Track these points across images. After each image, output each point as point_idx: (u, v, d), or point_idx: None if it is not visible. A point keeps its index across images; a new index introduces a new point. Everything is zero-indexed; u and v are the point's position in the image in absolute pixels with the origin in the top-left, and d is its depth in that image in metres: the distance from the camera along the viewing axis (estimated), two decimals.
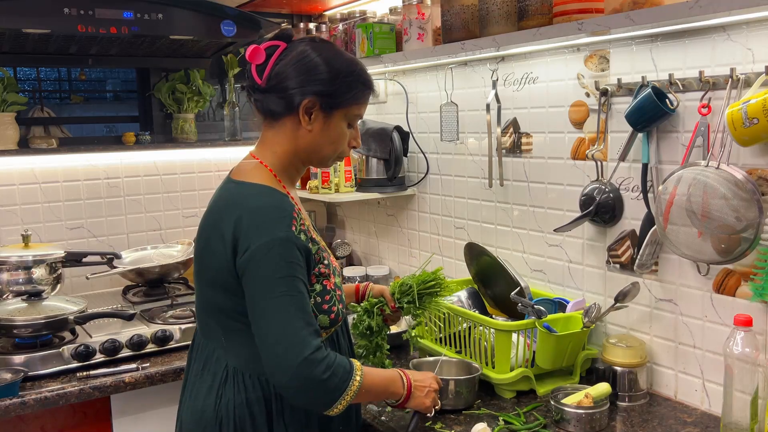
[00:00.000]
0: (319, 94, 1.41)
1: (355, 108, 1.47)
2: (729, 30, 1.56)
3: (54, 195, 2.64)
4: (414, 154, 2.65)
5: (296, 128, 1.44)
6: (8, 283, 2.28)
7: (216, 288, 1.41)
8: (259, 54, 1.42)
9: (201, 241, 1.46)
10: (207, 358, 1.47)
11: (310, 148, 1.47)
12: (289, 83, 1.41)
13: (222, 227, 1.37)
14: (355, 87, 1.45)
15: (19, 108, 2.54)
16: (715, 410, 1.68)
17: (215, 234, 1.39)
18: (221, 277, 1.38)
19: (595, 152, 1.89)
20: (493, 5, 1.89)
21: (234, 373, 1.42)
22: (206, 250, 1.42)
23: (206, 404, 1.43)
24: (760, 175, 1.53)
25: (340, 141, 1.49)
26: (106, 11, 2.24)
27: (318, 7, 2.99)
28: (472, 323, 1.91)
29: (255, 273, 1.32)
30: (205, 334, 1.49)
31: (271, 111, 1.45)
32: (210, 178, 2.94)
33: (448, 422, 1.68)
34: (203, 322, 1.50)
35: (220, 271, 1.38)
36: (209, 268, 1.41)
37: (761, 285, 1.51)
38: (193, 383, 1.49)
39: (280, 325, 1.29)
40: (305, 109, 1.42)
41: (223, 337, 1.44)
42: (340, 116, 1.45)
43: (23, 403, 1.82)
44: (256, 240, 1.32)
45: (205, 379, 1.45)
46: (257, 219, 1.34)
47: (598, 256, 1.95)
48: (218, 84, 3.03)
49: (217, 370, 1.44)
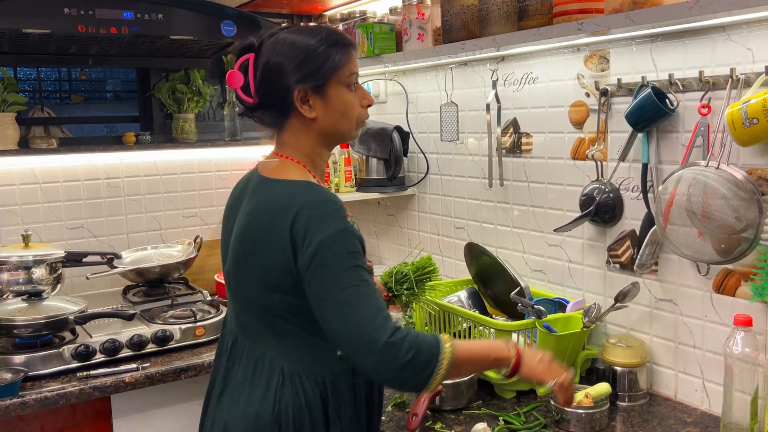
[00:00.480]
0: (303, 79, 1.39)
1: (344, 70, 1.43)
2: (729, 30, 1.56)
3: (54, 195, 2.64)
4: (414, 154, 2.65)
5: (304, 121, 1.43)
6: (8, 283, 2.28)
7: (271, 291, 1.37)
8: (237, 77, 1.41)
9: (248, 245, 1.40)
10: (257, 362, 1.42)
11: (326, 131, 1.45)
12: (273, 87, 1.40)
13: (277, 230, 1.33)
14: (330, 53, 1.41)
15: (19, 108, 2.53)
16: (715, 410, 1.68)
17: (269, 238, 1.35)
18: (278, 280, 1.35)
19: (595, 152, 1.89)
20: (493, 5, 1.90)
21: (290, 375, 1.38)
22: (257, 254, 1.38)
23: (263, 408, 1.38)
24: (760, 175, 1.53)
25: (349, 108, 1.45)
26: (106, 11, 2.23)
27: (318, 7, 2.99)
28: (472, 323, 1.91)
29: (322, 267, 1.29)
30: (251, 338, 1.44)
31: (274, 120, 1.45)
32: (210, 178, 2.94)
33: (448, 422, 1.68)
34: (248, 325, 1.45)
35: (277, 273, 1.34)
36: (261, 269, 1.37)
37: (761, 285, 1.51)
38: (241, 389, 1.43)
39: (355, 316, 1.27)
40: (300, 101, 1.40)
41: (274, 340, 1.40)
42: (334, 87, 1.42)
43: (23, 403, 1.82)
44: (319, 234, 1.29)
45: (258, 383, 1.40)
46: (315, 214, 1.31)
47: (598, 256, 1.95)
48: (218, 84, 3.03)
49: (271, 373, 1.39)
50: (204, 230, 2.92)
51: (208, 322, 2.25)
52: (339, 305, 1.28)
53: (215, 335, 2.26)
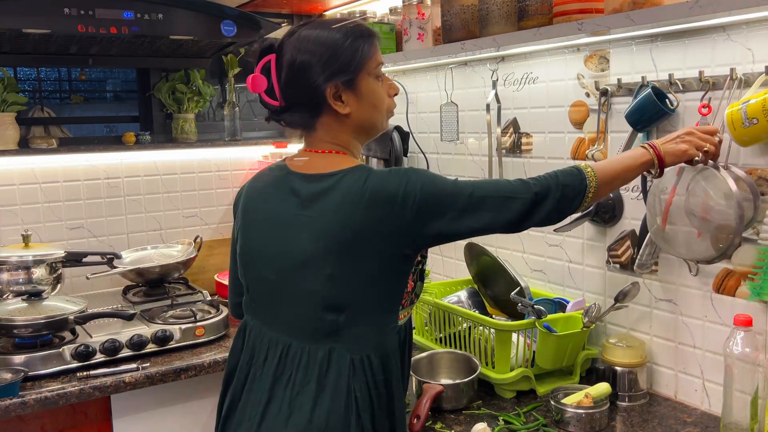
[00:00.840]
0: (334, 75, 1.36)
1: (372, 61, 1.41)
2: (729, 30, 1.56)
3: (54, 195, 2.64)
4: (414, 154, 2.65)
5: (337, 117, 1.40)
6: (8, 283, 2.28)
7: (353, 281, 1.31)
8: (260, 80, 1.39)
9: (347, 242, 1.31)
10: (321, 361, 1.33)
11: (360, 124, 1.42)
12: (301, 88, 1.37)
13: (367, 217, 1.29)
14: (357, 46, 1.40)
15: (19, 108, 2.53)
16: (715, 410, 1.68)
17: (378, 224, 1.30)
18: (397, 254, 1.33)
19: (595, 152, 1.89)
20: (493, 5, 1.90)
21: (360, 362, 1.33)
22: (366, 246, 1.31)
23: (335, 403, 1.30)
24: (759, 175, 1.53)
25: (380, 99, 1.44)
26: (106, 11, 2.23)
27: (318, 7, 2.99)
28: (472, 323, 1.91)
29: (434, 191, 1.32)
30: (314, 340, 1.35)
31: (305, 120, 1.41)
32: (210, 178, 2.94)
33: (448, 422, 1.68)
34: (308, 327, 1.36)
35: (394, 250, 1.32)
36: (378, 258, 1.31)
37: (759, 285, 1.51)
38: (300, 392, 1.33)
39: (496, 193, 1.35)
40: (333, 97, 1.37)
41: (345, 331, 1.33)
42: (365, 79, 1.40)
43: (23, 403, 1.83)
44: (409, 184, 1.31)
45: (327, 380, 1.32)
46: (392, 181, 1.32)
47: (598, 256, 1.95)
48: (218, 84, 3.03)
49: (341, 365, 1.33)
50: (204, 230, 2.92)
51: (208, 322, 2.25)
52: (474, 194, 1.33)
53: (215, 335, 2.26)
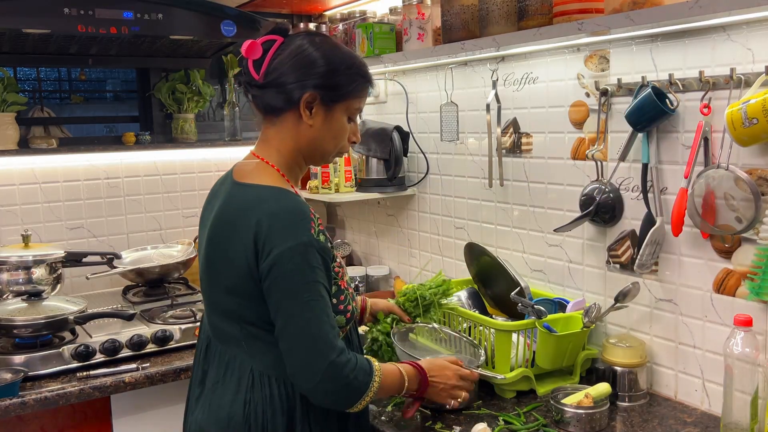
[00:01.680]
0: (319, 87, 1.40)
1: (356, 101, 1.46)
2: (729, 30, 1.56)
3: (54, 195, 2.64)
4: (414, 154, 2.65)
5: (297, 124, 1.43)
6: (8, 283, 2.28)
7: (236, 295, 1.38)
8: (256, 49, 1.40)
9: (214, 248, 1.42)
10: (228, 364, 1.43)
11: (312, 144, 1.45)
12: (288, 78, 1.39)
13: (240, 234, 1.34)
14: (354, 80, 1.44)
15: (19, 108, 2.53)
16: (715, 410, 1.68)
17: (233, 241, 1.36)
18: (242, 284, 1.36)
19: (595, 152, 1.89)
20: (493, 5, 1.89)
21: (260, 377, 1.39)
22: (222, 257, 1.39)
23: (233, 411, 1.39)
24: (759, 175, 1.53)
25: (341, 135, 1.47)
26: (106, 11, 2.23)
27: (318, 7, 2.99)
28: (472, 323, 1.91)
29: (279, 279, 1.30)
30: (222, 340, 1.45)
31: (271, 107, 1.43)
32: (210, 178, 2.94)
33: (448, 422, 1.68)
34: (218, 328, 1.46)
35: (240, 278, 1.35)
36: (227, 275, 1.38)
37: (759, 284, 1.52)
38: (213, 390, 1.44)
39: (307, 331, 1.30)
40: (306, 104, 1.40)
41: (243, 342, 1.41)
42: (340, 110, 1.44)
43: (23, 403, 1.82)
44: (279, 245, 1.30)
45: (229, 385, 1.41)
46: (278, 223, 1.32)
47: (598, 256, 1.95)
48: (218, 84, 3.03)
49: (242, 374, 1.40)
50: None
51: None
52: (291, 318, 1.30)
53: None
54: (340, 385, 1.32)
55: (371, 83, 1.50)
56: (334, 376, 1.30)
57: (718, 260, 1.65)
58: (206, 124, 3.04)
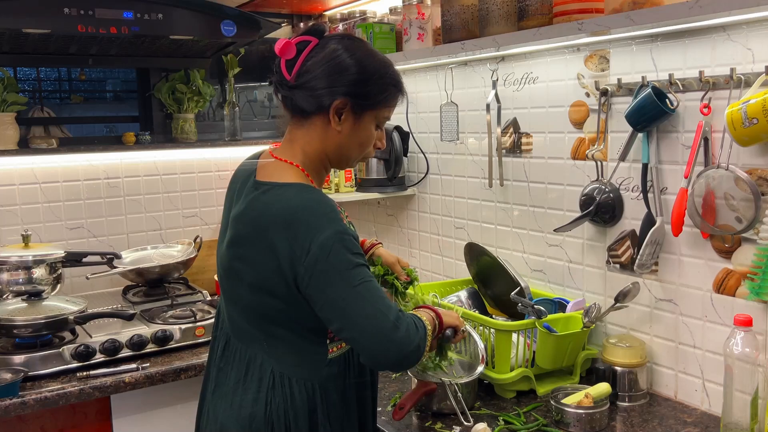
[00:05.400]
0: (351, 95, 1.38)
1: (386, 110, 1.45)
2: (729, 30, 1.56)
3: (54, 195, 2.64)
4: (414, 154, 2.65)
5: (326, 128, 1.41)
6: (8, 283, 2.28)
7: (261, 293, 1.36)
8: (290, 49, 1.38)
9: (239, 247, 1.38)
10: (249, 364, 1.42)
11: (338, 150, 1.44)
12: (320, 82, 1.37)
13: (268, 235, 1.32)
14: (386, 89, 1.43)
15: (19, 108, 2.53)
16: (715, 410, 1.68)
17: (260, 243, 1.34)
18: (269, 283, 1.34)
19: (595, 152, 1.89)
20: (493, 5, 1.90)
21: (280, 378, 1.39)
22: (247, 258, 1.37)
23: (255, 411, 1.38)
24: (759, 175, 1.53)
25: (367, 142, 1.46)
26: (106, 11, 2.23)
27: (318, 7, 2.99)
28: (472, 323, 1.91)
29: (327, 270, 1.29)
30: (242, 339, 1.44)
31: (300, 108, 1.41)
32: (210, 178, 2.94)
33: (447, 422, 1.68)
34: (239, 327, 1.45)
35: (267, 278, 1.34)
36: (253, 274, 1.36)
37: (758, 284, 1.52)
38: (234, 390, 1.43)
39: (371, 314, 1.29)
40: (336, 110, 1.38)
41: (265, 342, 1.40)
42: (370, 118, 1.43)
43: (23, 403, 1.82)
44: (317, 238, 1.28)
45: (250, 385, 1.41)
46: (309, 217, 1.31)
47: (598, 256, 1.95)
48: (218, 84, 3.03)
49: (262, 375, 1.40)
50: (204, 230, 2.92)
51: (208, 322, 2.25)
52: (353, 302, 1.29)
53: None
54: (413, 358, 1.35)
55: (403, 92, 1.48)
56: (404, 346, 1.32)
57: (718, 260, 1.65)
58: (206, 124, 3.04)
